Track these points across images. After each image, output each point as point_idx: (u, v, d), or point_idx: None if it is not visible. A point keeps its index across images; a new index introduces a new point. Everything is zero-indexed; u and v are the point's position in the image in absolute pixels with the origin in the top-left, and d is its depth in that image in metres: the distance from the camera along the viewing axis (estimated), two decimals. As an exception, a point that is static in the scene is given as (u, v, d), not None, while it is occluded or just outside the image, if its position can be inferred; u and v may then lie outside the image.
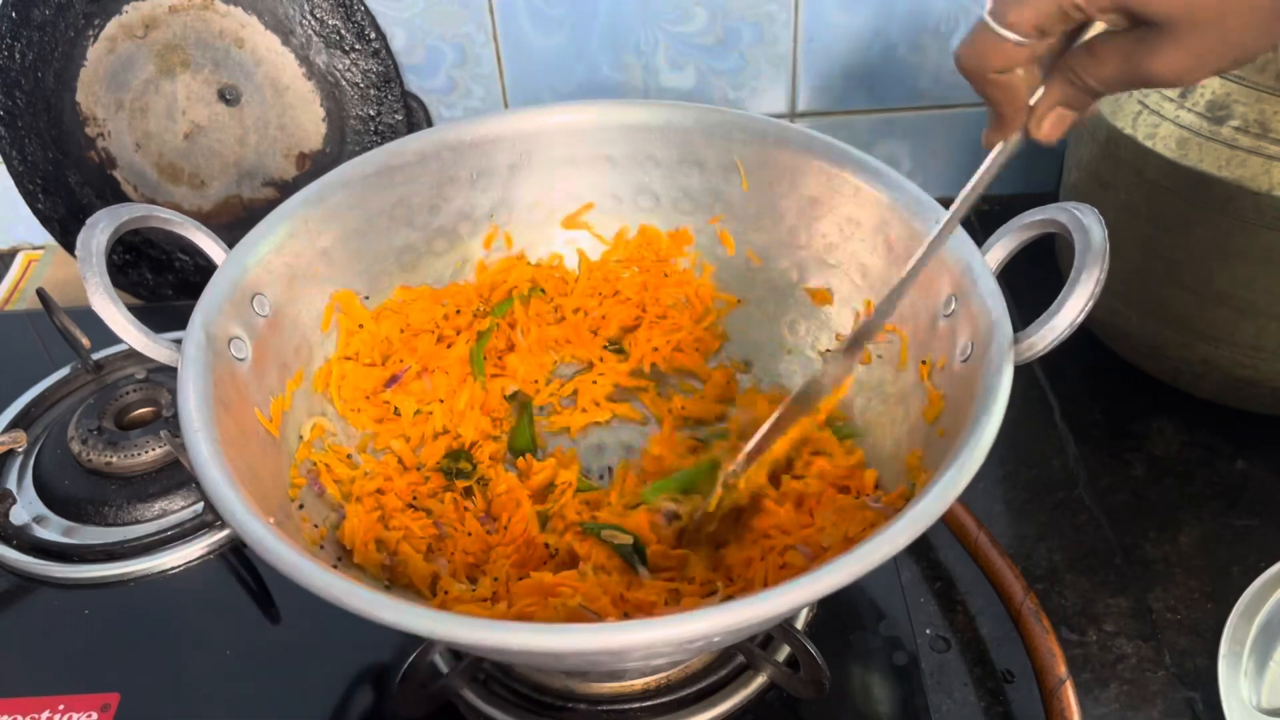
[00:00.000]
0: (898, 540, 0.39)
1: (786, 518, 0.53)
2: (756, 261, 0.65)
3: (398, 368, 0.61)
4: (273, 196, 0.86)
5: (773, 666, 0.53)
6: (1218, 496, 0.67)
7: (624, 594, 0.51)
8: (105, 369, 0.77)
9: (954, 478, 0.41)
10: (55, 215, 0.87)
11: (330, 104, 0.84)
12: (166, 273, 0.88)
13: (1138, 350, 0.71)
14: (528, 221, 0.67)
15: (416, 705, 0.50)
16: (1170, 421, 0.72)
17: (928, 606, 0.61)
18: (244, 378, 0.52)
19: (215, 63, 0.82)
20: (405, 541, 0.55)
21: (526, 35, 0.85)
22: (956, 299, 0.52)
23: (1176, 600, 0.61)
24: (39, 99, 0.83)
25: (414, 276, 0.64)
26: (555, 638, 0.37)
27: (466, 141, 0.63)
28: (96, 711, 0.56)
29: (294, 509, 0.53)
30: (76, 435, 0.68)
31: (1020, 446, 0.71)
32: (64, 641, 0.60)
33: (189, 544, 0.64)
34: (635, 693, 0.54)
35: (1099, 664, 0.58)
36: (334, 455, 0.57)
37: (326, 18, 0.82)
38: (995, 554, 0.59)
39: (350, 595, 0.38)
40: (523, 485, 0.59)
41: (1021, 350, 0.47)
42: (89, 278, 0.50)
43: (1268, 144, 0.59)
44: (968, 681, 0.58)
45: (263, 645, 0.60)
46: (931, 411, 0.52)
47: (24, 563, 0.64)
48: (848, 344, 0.53)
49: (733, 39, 0.85)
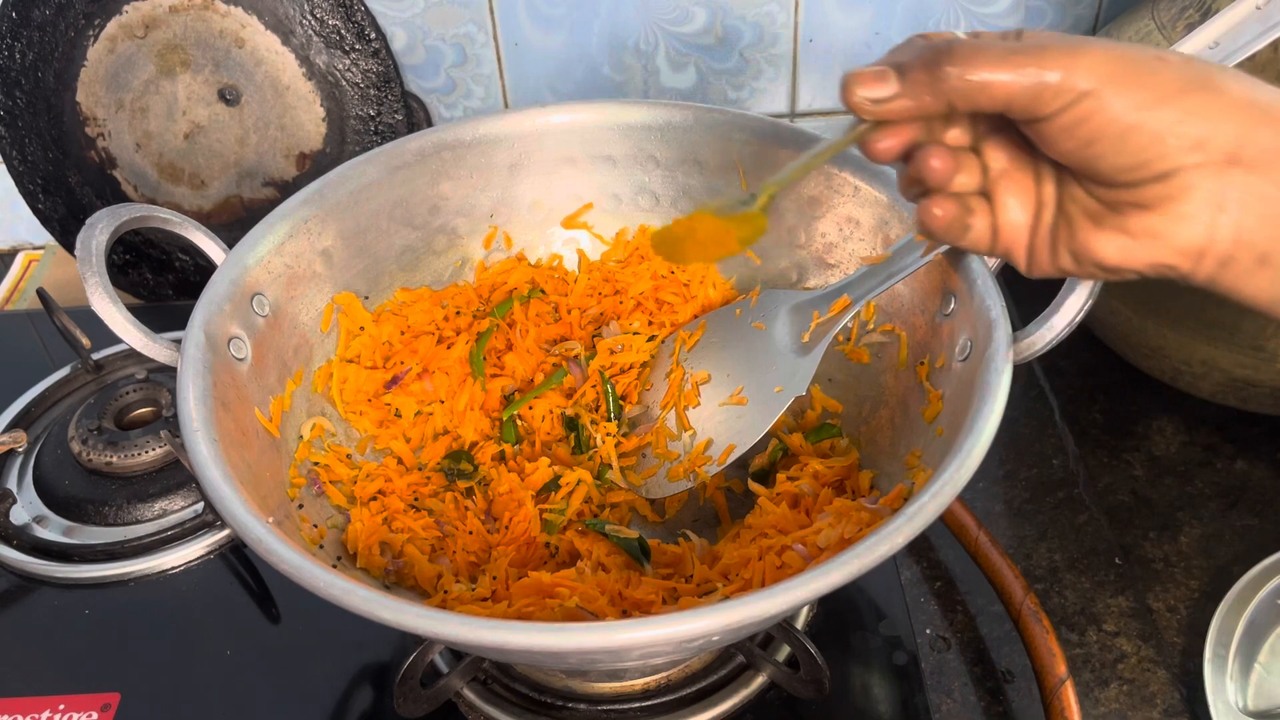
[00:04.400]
0: (897, 539, 0.39)
1: (783, 517, 0.53)
2: (756, 261, 0.65)
3: (398, 369, 0.61)
4: (273, 196, 0.86)
5: (773, 666, 0.53)
6: (1218, 496, 0.67)
7: (622, 592, 0.51)
8: (105, 369, 0.77)
9: (953, 477, 0.41)
10: (55, 215, 0.87)
11: (330, 104, 0.84)
12: (166, 273, 0.88)
13: (1138, 350, 0.71)
14: (527, 221, 0.67)
15: (416, 705, 0.50)
16: (1170, 421, 0.72)
17: (928, 606, 0.61)
18: (244, 378, 0.52)
19: (215, 63, 0.82)
20: (410, 544, 0.55)
21: (526, 35, 0.85)
22: (956, 298, 0.52)
23: (1176, 600, 0.61)
24: (39, 99, 0.83)
25: (414, 276, 0.65)
26: (554, 637, 0.37)
27: (466, 141, 0.63)
28: (96, 711, 0.56)
29: (294, 509, 0.53)
30: (76, 435, 0.68)
31: (1020, 446, 0.71)
32: (64, 641, 0.60)
33: (189, 544, 0.64)
34: (635, 693, 0.54)
35: (1099, 664, 0.58)
36: (334, 455, 0.57)
37: (326, 18, 0.82)
38: (995, 554, 0.59)
39: (350, 595, 0.38)
40: (524, 485, 0.59)
41: (1021, 350, 0.47)
42: (89, 278, 0.50)
43: (1267, 144, 0.58)
44: (967, 681, 0.58)
45: (263, 645, 0.60)
46: (930, 411, 0.52)
47: (24, 563, 0.64)
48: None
49: (733, 39, 0.85)
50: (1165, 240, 0.34)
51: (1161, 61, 0.32)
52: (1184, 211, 0.34)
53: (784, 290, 0.61)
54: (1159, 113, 0.32)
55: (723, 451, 0.58)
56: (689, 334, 0.63)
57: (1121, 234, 0.35)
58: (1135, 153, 0.33)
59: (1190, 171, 0.33)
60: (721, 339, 0.61)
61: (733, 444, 0.58)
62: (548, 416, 0.63)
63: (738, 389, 0.59)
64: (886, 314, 0.58)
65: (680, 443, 0.61)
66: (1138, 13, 0.70)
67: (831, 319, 0.56)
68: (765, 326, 0.59)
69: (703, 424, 0.60)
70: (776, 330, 0.58)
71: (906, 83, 0.35)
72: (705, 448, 0.59)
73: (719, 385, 0.60)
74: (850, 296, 0.55)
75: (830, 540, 0.49)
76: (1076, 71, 0.32)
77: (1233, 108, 0.32)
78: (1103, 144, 0.33)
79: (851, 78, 0.36)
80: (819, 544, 0.49)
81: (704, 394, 0.61)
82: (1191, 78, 0.32)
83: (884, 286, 0.53)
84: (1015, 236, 0.39)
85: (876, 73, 0.36)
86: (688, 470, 0.59)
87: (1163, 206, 0.34)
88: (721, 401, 0.59)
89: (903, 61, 0.36)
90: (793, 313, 0.58)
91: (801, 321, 0.57)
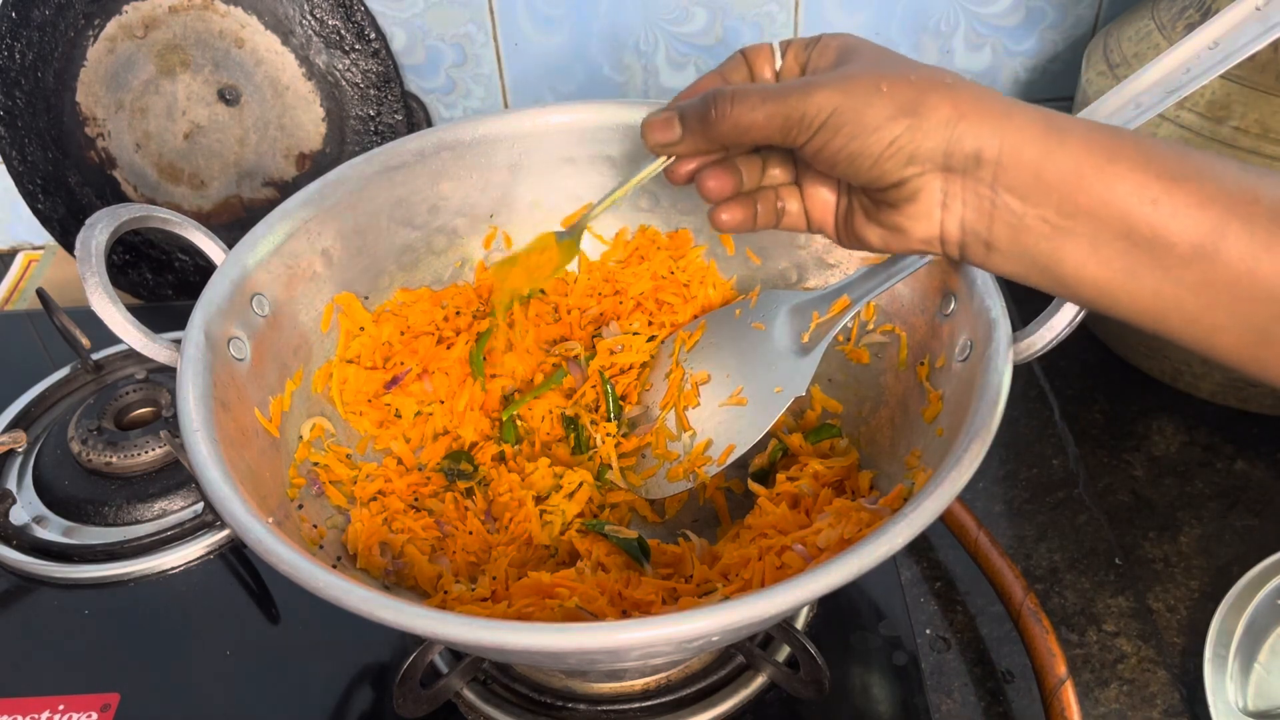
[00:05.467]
0: (896, 539, 0.39)
1: (783, 518, 0.53)
2: (756, 261, 0.65)
3: (398, 370, 0.61)
4: (273, 196, 0.86)
5: (773, 666, 0.53)
6: (1218, 496, 0.67)
7: (622, 592, 0.51)
8: (105, 369, 0.77)
9: (953, 477, 0.41)
10: (55, 215, 0.87)
11: (330, 104, 0.84)
12: (166, 273, 0.88)
13: (1138, 350, 0.71)
14: (527, 221, 0.67)
15: (416, 705, 0.50)
16: (1170, 421, 0.72)
17: (928, 606, 0.61)
18: (243, 378, 0.52)
19: (215, 63, 0.82)
20: (410, 544, 0.55)
21: (526, 35, 0.85)
22: (956, 299, 0.52)
23: (1176, 600, 0.61)
24: (39, 99, 0.83)
25: (413, 276, 0.65)
26: (554, 637, 0.37)
27: (466, 141, 0.63)
28: (96, 711, 0.56)
29: (293, 509, 0.53)
30: (76, 435, 0.68)
31: (1020, 446, 0.71)
32: (64, 641, 0.60)
33: (189, 544, 0.64)
34: (635, 693, 0.54)
35: (1099, 664, 0.58)
36: (334, 455, 0.57)
37: (326, 18, 0.82)
38: (995, 554, 0.59)
39: (349, 595, 0.38)
40: (524, 485, 0.59)
41: (1021, 350, 0.47)
42: (89, 278, 0.50)
43: (1268, 144, 0.58)
44: (967, 681, 0.58)
45: (263, 645, 0.60)
46: (930, 411, 0.52)
47: (24, 563, 0.64)
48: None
49: (733, 39, 0.85)
50: (908, 233, 0.41)
51: (877, 95, 0.38)
52: (917, 211, 0.40)
53: (784, 290, 0.61)
54: (874, 138, 0.39)
55: (722, 452, 0.58)
56: (689, 334, 0.63)
57: (880, 226, 0.43)
58: (866, 171, 0.40)
59: (914, 180, 0.39)
60: (721, 339, 0.61)
61: (732, 444, 0.58)
62: (547, 417, 0.63)
63: (737, 389, 0.59)
64: (886, 314, 0.58)
65: (680, 443, 0.61)
66: (1138, 12, 0.70)
67: (831, 319, 0.56)
68: (765, 327, 0.59)
69: (702, 424, 0.60)
70: (776, 330, 0.58)
71: (686, 130, 0.43)
72: (705, 448, 0.59)
73: (719, 386, 0.60)
74: (850, 297, 0.55)
75: (830, 540, 0.49)
76: (809, 111, 0.39)
77: (937, 126, 0.38)
78: (841, 166, 0.40)
79: (646, 125, 0.45)
80: (819, 544, 0.49)
81: (704, 394, 0.61)
82: (902, 104, 0.38)
83: (884, 287, 0.53)
84: (824, 219, 0.47)
85: (664, 120, 0.44)
86: (687, 471, 0.59)
87: (902, 207, 0.41)
88: (721, 402, 0.59)
89: (684, 110, 0.43)
90: (792, 313, 0.58)
91: (801, 322, 0.57)
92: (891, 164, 0.39)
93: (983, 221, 0.39)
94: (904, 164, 0.39)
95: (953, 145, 0.38)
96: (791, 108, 0.40)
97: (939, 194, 0.40)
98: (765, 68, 0.45)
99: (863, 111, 0.38)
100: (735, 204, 0.47)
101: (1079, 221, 0.37)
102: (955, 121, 0.38)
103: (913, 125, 0.38)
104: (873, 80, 0.39)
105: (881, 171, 0.39)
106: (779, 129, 0.40)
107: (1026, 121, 0.38)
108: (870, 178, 0.40)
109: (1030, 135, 0.37)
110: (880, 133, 0.38)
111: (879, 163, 0.39)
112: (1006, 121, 0.38)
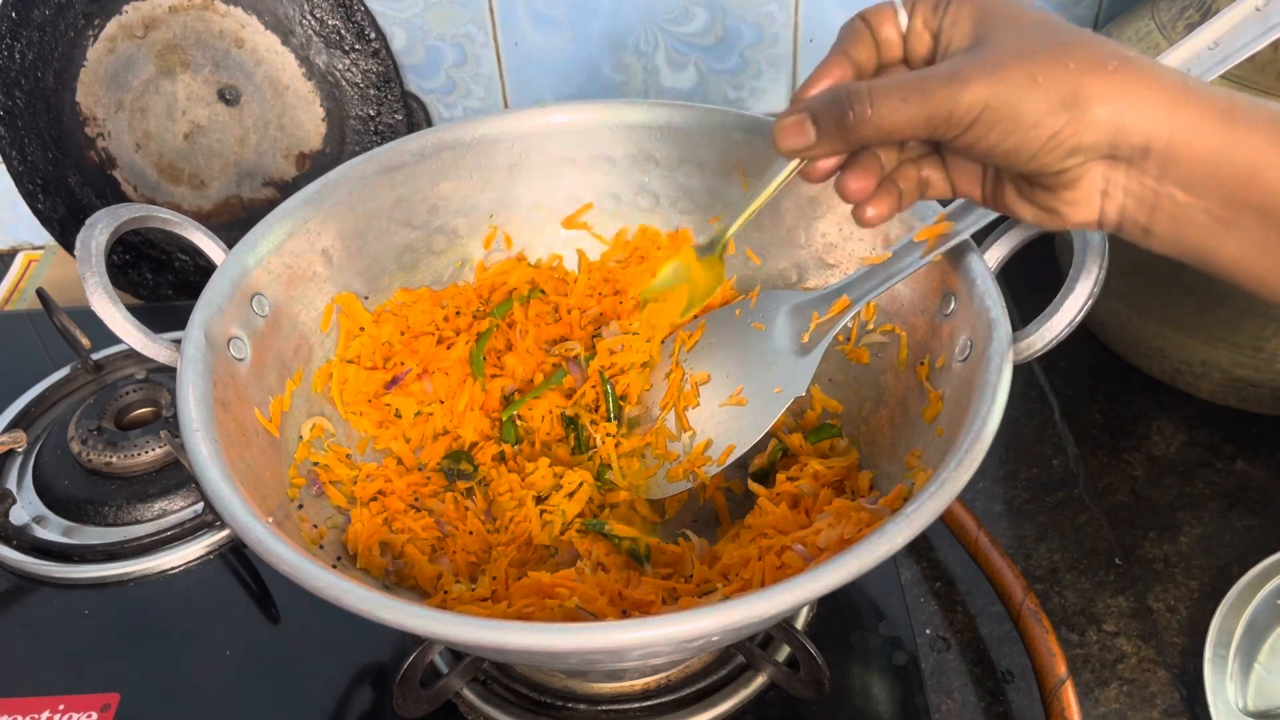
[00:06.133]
0: (896, 539, 0.39)
1: (783, 518, 0.53)
2: (756, 261, 0.65)
3: (398, 370, 0.61)
4: (273, 196, 0.86)
5: (773, 666, 0.53)
6: (1218, 496, 0.67)
7: (622, 592, 0.51)
8: (105, 369, 0.77)
9: (953, 477, 0.41)
10: (55, 215, 0.87)
11: (330, 104, 0.84)
12: (166, 273, 0.88)
13: (1138, 350, 0.71)
14: (527, 222, 0.67)
15: (416, 705, 0.50)
16: (1170, 421, 0.72)
17: (928, 606, 0.61)
18: (243, 378, 0.52)
19: (215, 63, 0.82)
20: (410, 544, 0.55)
21: (526, 35, 0.85)
22: (956, 298, 0.52)
23: (1176, 600, 0.61)
24: (39, 99, 0.83)
25: (413, 276, 0.65)
26: (554, 637, 0.37)
27: (466, 141, 0.63)
28: (96, 711, 0.56)
29: (294, 509, 0.53)
30: (76, 435, 0.68)
31: (1020, 446, 0.71)
32: (64, 641, 0.60)
33: (189, 544, 0.64)
34: (635, 693, 0.54)
35: (1099, 664, 0.58)
36: (334, 455, 0.57)
37: (326, 18, 0.82)
38: (995, 554, 0.59)
39: (349, 595, 0.38)
40: (524, 485, 0.59)
41: (1021, 349, 0.47)
42: (89, 278, 0.50)
43: (1267, 144, 0.58)
44: (967, 681, 0.58)
45: (263, 645, 0.60)
46: (930, 411, 0.52)
47: (24, 563, 0.64)
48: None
49: (733, 39, 0.85)
50: (1065, 216, 0.41)
51: (1032, 86, 0.36)
52: (1075, 197, 0.39)
53: (784, 290, 0.61)
54: (1032, 134, 0.37)
55: (722, 452, 0.58)
56: (689, 334, 0.63)
57: (1034, 205, 0.42)
58: (1024, 164, 0.38)
59: (1075, 169, 0.38)
60: (721, 339, 0.61)
61: (732, 444, 0.58)
62: (547, 417, 0.63)
63: (737, 389, 0.59)
64: (886, 314, 0.58)
65: (680, 443, 0.61)
66: (1138, 13, 0.70)
67: (831, 319, 0.56)
68: (765, 327, 0.59)
69: (702, 424, 0.60)
70: (776, 330, 0.58)
71: (821, 134, 0.41)
72: (705, 448, 0.59)
73: (719, 386, 0.60)
74: (850, 297, 0.55)
75: (830, 540, 0.49)
76: (957, 110, 0.37)
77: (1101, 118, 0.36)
78: (996, 159, 0.39)
79: (778, 130, 0.42)
80: (819, 544, 0.49)
81: (703, 394, 0.61)
82: (1062, 96, 0.36)
83: (884, 287, 0.53)
84: (971, 188, 0.45)
85: (796, 124, 0.41)
86: (687, 471, 0.59)
87: (1060, 193, 0.40)
88: (721, 402, 0.59)
89: (817, 111, 0.41)
90: (792, 313, 0.58)
91: (801, 322, 0.57)
92: (1051, 157, 0.37)
93: (1144, 211, 0.38)
94: (1064, 156, 0.37)
95: (1118, 137, 0.36)
96: (937, 106, 0.37)
97: (1100, 181, 0.38)
98: (891, 31, 0.42)
99: (1017, 106, 0.36)
100: (878, 197, 0.45)
101: (1245, 214, 0.36)
102: (1122, 112, 0.36)
103: (1074, 119, 0.36)
104: (1025, 69, 0.36)
105: (1040, 165, 0.38)
106: (924, 128, 0.38)
107: (1200, 108, 0.36)
108: (1029, 170, 0.39)
109: (1204, 127, 0.36)
110: (1039, 129, 0.37)
111: (1037, 156, 0.37)
112: (1178, 109, 0.36)
